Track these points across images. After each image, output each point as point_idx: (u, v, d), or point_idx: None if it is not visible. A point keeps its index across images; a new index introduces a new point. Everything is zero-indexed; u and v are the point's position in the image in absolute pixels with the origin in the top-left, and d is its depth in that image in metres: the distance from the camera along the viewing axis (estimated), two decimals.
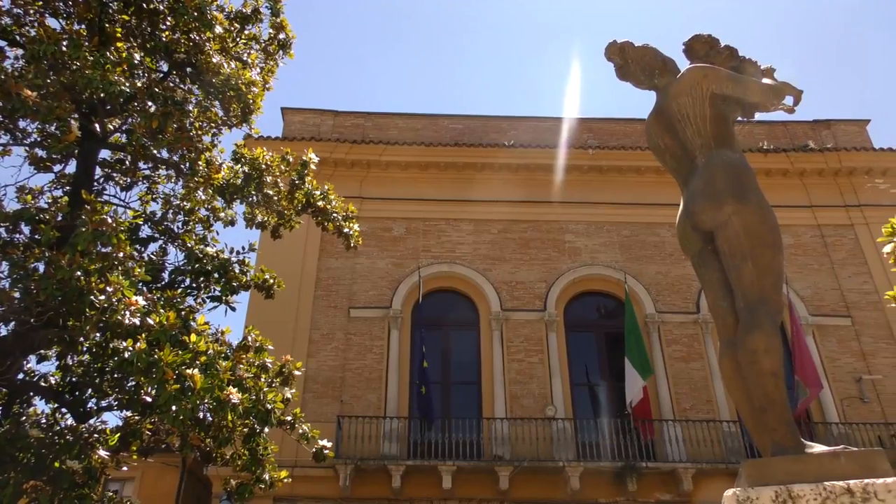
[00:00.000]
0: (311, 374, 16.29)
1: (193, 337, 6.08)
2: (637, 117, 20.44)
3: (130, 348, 5.57)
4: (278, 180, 9.19)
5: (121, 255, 6.27)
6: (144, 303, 6.05)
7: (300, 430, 7.73)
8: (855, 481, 3.28)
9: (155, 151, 8.22)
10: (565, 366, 17.17)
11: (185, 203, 9.51)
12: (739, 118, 4.83)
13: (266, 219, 9.44)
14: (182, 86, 8.70)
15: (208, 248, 8.99)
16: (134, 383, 6.61)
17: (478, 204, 19.02)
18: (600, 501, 15.13)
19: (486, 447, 15.71)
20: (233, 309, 8.78)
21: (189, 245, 9.05)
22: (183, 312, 7.15)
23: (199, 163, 8.33)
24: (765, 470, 3.55)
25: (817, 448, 3.73)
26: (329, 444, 7.96)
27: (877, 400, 16.51)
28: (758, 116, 5.02)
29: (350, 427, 15.55)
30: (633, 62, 4.92)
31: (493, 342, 17.26)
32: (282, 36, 9.40)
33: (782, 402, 3.84)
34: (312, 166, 9.41)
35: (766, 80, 4.68)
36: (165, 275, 9.02)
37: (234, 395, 5.91)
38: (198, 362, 5.86)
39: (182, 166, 8.45)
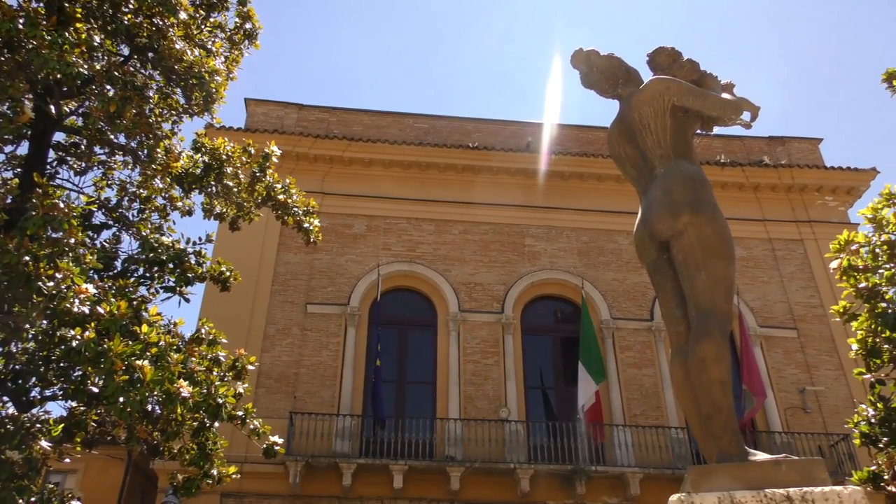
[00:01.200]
0: (264, 369, 16.10)
1: (145, 328, 5.96)
2: (600, 125, 20.72)
3: (78, 337, 5.44)
4: (239, 172, 9.06)
5: (72, 241, 6.10)
6: (95, 291, 5.91)
7: (251, 426, 7.62)
8: (794, 489, 3.38)
9: (112, 136, 8.03)
10: (520, 368, 17.30)
11: (141, 191, 9.30)
12: (698, 131, 4.94)
13: (225, 210, 9.30)
14: (143, 71, 8.51)
15: (164, 238, 8.80)
16: (80, 373, 6.45)
17: (439, 204, 19.03)
18: (549, 503, 15.29)
19: (439, 447, 15.73)
20: (187, 300, 8.61)
21: (144, 234, 8.86)
22: (135, 302, 7.01)
23: (158, 150, 8.15)
24: (709, 476, 3.64)
25: (760, 456, 3.84)
26: (280, 441, 7.86)
27: (818, 411, 17.02)
28: (716, 130, 5.14)
29: (302, 424, 15.42)
30: (598, 71, 4.98)
31: (449, 343, 17.30)
32: (248, 26, 9.27)
33: (728, 410, 3.93)
34: (274, 159, 9.30)
35: (725, 95, 4.79)
36: (118, 263, 8.81)
37: (185, 388, 5.81)
38: (148, 354, 5.74)
39: (140, 153, 8.26)
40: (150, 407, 5.78)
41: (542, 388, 17.75)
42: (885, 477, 6.29)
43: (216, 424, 7.01)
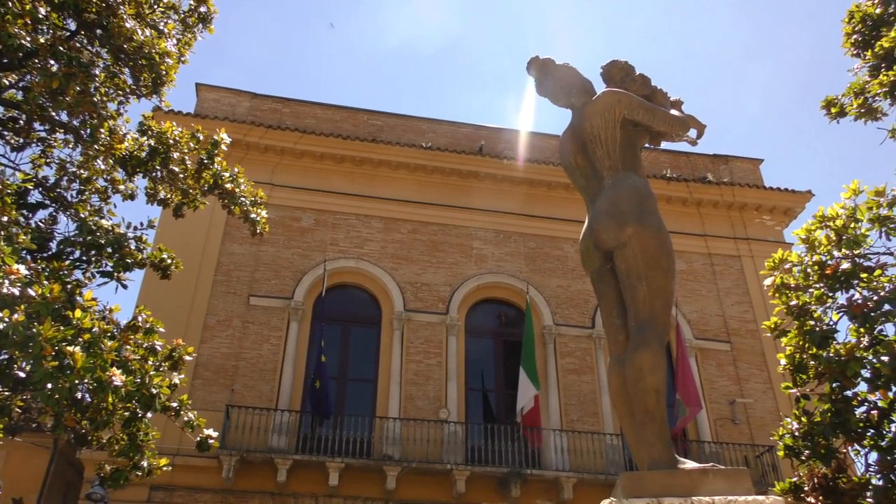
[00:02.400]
0: (202, 361, 15.77)
1: (78, 313, 5.76)
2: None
3: (6, 319, 5.22)
4: (186, 157, 8.84)
5: (5, 219, 5.87)
6: (26, 272, 5.68)
7: (185, 418, 7.46)
8: (720, 497, 3.50)
9: (53, 113, 7.74)
10: (462, 370, 17.38)
11: (81, 171, 8.99)
12: (647, 144, 5.05)
13: (169, 196, 9.06)
14: (90, 47, 8.23)
15: (103, 221, 8.52)
16: (7, 357, 6.19)
17: (390, 202, 18.98)
18: None
19: (377, 446, 15.67)
20: (124, 287, 8.36)
21: (82, 216, 8.56)
22: (69, 286, 6.77)
23: (102, 130, 7.89)
24: (640, 482, 3.73)
25: (689, 464, 3.95)
26: (215, 434, 7.72)
27: (746, 422, 17.60)
28: (663, 145, 5.26)
29: (239, 417, 15.15)
30: (552, 79, 5.05)
31: (393, 341, 17.25)
32: (203, 9, 9.05)
33: (662, 419, 4.03)
34: (224, 147, 9.10)
35: (674, 111, 4.91)
36: (53, 244, 8.50)
37: (118, 376, 5.63)
38: (80, 340, 5.55)
39: (82, 132, 7.99)
40: (79, 395, 5.58)
41: (483, 391, 17.88)
42: (806, 488, 6.53)
43: (149, 415, 6.83)
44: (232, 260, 17.44)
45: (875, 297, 6.34)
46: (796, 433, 6.67)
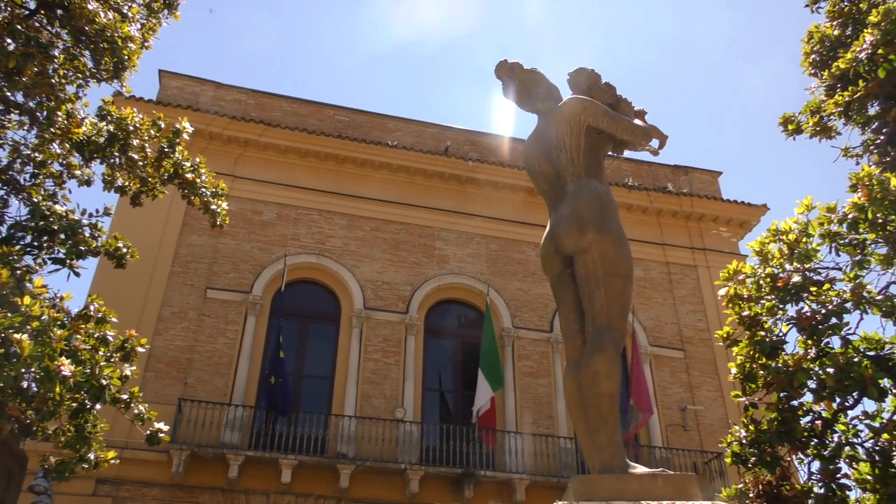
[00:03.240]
0: (156, 353, 15.46)
1: (27, 300, 5.59)
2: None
3: None
4: (146, 145, 8.66)
5: None
6: None
7: (136, 410, 7.30)
8: (668, 502, 3.56)
9: (8, 94, 7.51)
10: (420, 370, 17.37)
11: (36, 154, 8.73)
12: (610, 152, 5.12)
13: (127, 184, 8.86)
14: (49, 28, 8.01)
15: (57, 206, 8.29)
16: None
17: (353, 199, 18.88)
18: None
19: (331, 444, 15.57)
20: (77, 274, 8.14)
21: (35, 200, 8.32)
22: (18, 272, 6.58)
23: (59, 113, 7.69)
24: (591, 486, 3.77)
25: (639, 469, 4.01)
26: (166, 428, 7.58)
27: (697, 429, 17.96)
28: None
29: (191, 411, 14.90)
30: (520, 83, 5.08)
31: (351, 339, 17.16)
32: None
33: (615, 424, 4.09)
34: (185, 136, 8.93)
35: (637, 121, 4.99)
36: (3, 229, 8.24)
37: (67, 366, 5.49)
38: (28, 327, 5.39)
39: (38, 114, 7.77)
40: (25, 384, 5.43)
41: (441, 391, 17.90)
42: (751, 495, 6.69)
43: (97, 406, 6.68)
44: (190, 251, 17.15)
45: (823, 311, 6.51)
46: (744, 441, 6.82)
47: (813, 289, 6.63)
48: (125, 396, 7.19)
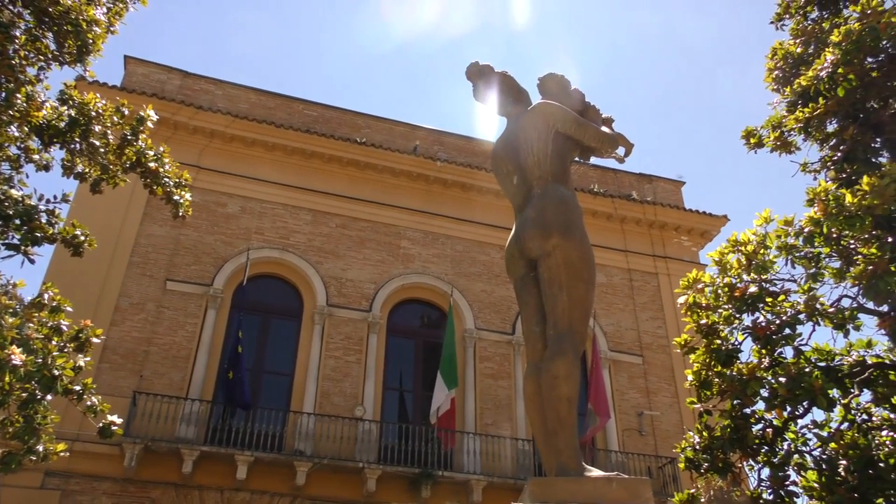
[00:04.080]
0: (111, 344, 15.15)
1: None
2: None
3: None
4: (108, 132, 8.47)
5: None
6: None
7: (88, 402, 7.14)
8: None
9: None
10: (381, 369, 17.33)
11: None
12: (577, 158, 5.17)
13: (87, 170, 8.66)
14: (11, 7, 7.79)
15: (13, 191, 8.06)
16: None
17: (319, 195, 18.75)
18: None
19: (289, 441, 15.43)
20: (31, 261, 7.93)
21: None
22: None
23: (18, 95, 7.49)
24: (547, 488, 3.81)
25: (595, 472, 4.06)
26: (119, 421, 7.43)
27: (652, 434, 18.24)
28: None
29: (146, 405, 14.63)
30: (490, 86, 5.10)
31: (312, 336, 17.04)
32: None
33: (572, 427, 4.13)
34: (150, 124, 8.77)
35: (605, 129, 5.05)
36: None
37: (18, 355, 5.37)
38: None
39: None
40: None
41: (401, 391, 17.87)
42: (702, 500, 6.83)
43: (48, 397, 6.52)
44: (150, 242, 16.84)
45: (777, 321, 6.67)
46: (697, 446, 6.95)
47: (768, 299, 6.79)
48: (78, 388, 7.03)
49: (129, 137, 8.56)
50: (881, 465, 6.00)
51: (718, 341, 7.07)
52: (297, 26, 56.74)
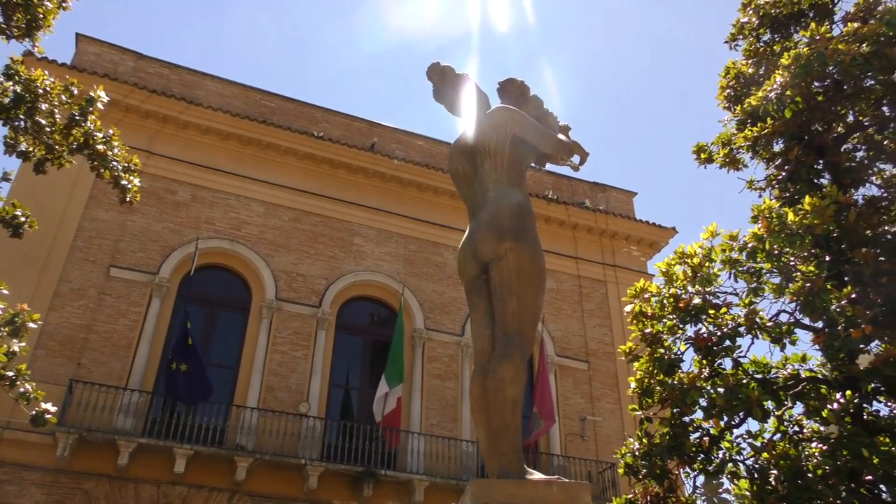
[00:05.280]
0: (49, 329, 14.67)
1: None
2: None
3: None
4: (56, 110, 8.21)
5: None
6: None
7: (21, 389, 6.90)
8: None
9: None
10: (328, 365, 17.18)
11: None
12: (532, 164, 5.21)
13: (31, 149, 8.36)
14: None
15: None
16: None
17: (273, 187, 18.50)
18: (334, 503, 15.26)
19: (231, 435, 15.18)
20: None
21: None
22: None
23: None
24: (488, 490, 3.83)
25: (536, 476, 4.10)
26: (54, 409, 7.19)
27: (594, 439, 18.53)
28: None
29: (83, 393, 14.20)
30: (450, 87, 5.11)
31: (260, 330, 16.79)
32: None
33: (516, 430, 4.17)
34: (100, 105, 8.51)
35: (561, 136, 5.11)
36: None
37: None
38: None
39: None
40: None
41: (347, 388, 17.75)
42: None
43: None
44: (95, 226, 16.36)
45: (718, 333, 6.86)
46: (636, 453, 7.10)
47: (711, 311, 6.98)
48: (11, 373, 6.79)
49: (77, 118, 8.30)
50: (809, 475, 6.21)
51: (662, 350, 7.24)
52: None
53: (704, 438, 6.87)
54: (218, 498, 14.58)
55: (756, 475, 6.53)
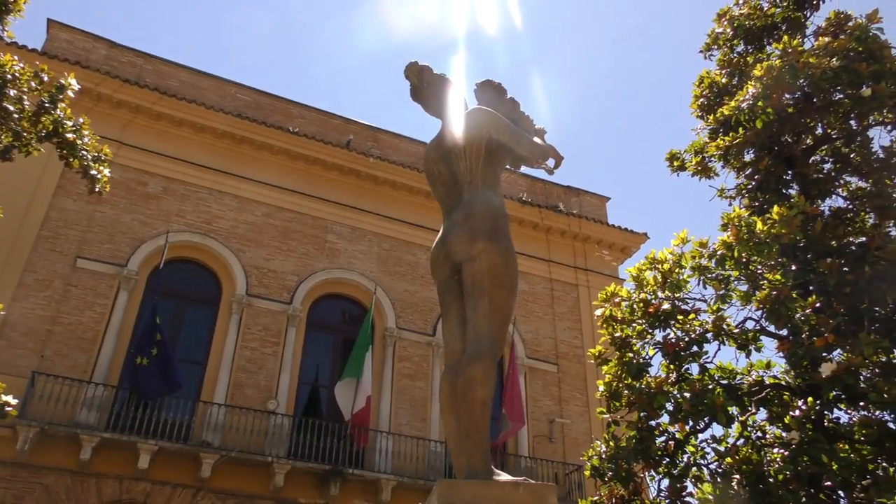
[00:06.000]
0: (12, 320, 14.36)
1: None
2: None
3: None
4: (24, 97, 8.05)
5: None
6: None
7: None
8: None
9: None
10: (298, 362, 17.07)
11: None
12: (507, 166, 5.23)
13: None
14: None
15: None
16: None
17: (247, 182, 18.32)
18: (300, 501, 15.16)
19: (197, 431, 15.00)
20: None
21: None
22: None
23: None
24: (455, 490, 3.83)
25: (503, 477, 4.11)
26: (14, 401, 7.07)
27: (562, 441, 18.66)
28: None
29: (45, 386, 13.92)
30: (428, 87, 5.10)
31: (229, 325, 16.62)
32: None
33: (484, 431, 4.17)
34: (70, 93, 8.38)
35: (537, 139, 5.13)
36: None
37: None
38: None
39: None
40: None
41: (316, 386, 17.63)
42: None
43: None
44: (62, 216, 16.05)
45: (686, 339, 6.95)
46: (603, 455, 7.16)
47: (680, 317, 7.07)
48: None
49: (46, 105, 8.16)
50: (771, 480, 6.33)
51: (630, 354, 7.31)
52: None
53: (670, 442, 6.96)
54: (182, 495, 14.39)
55: (719, 479, 6.63)
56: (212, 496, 14.55)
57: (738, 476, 6.53)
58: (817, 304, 6.59)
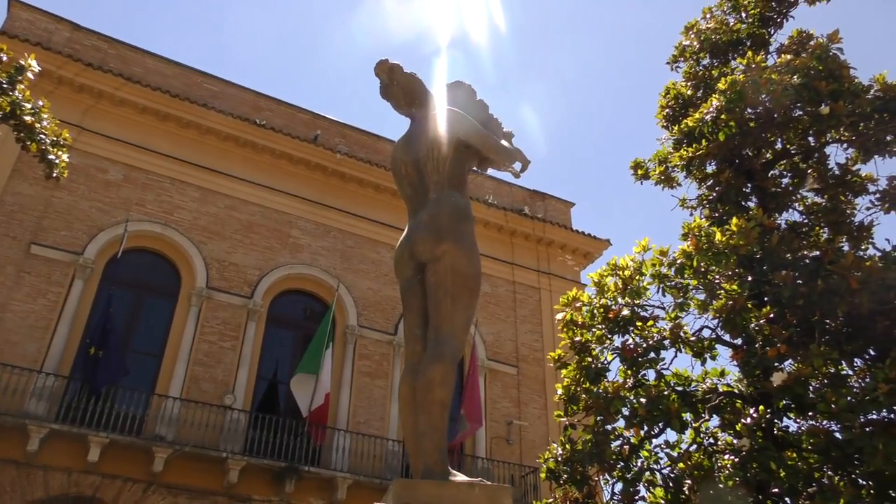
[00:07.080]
0: None
1: None
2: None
3: None
4: None
5: None
6: None
7: None
8: None
9: None
10: (256, 358, 16.87)
11: None
12: (474, 168, 5.25)
13: None
14: None
15: None
16: None
17: (210, 173, 18.05)
18: (254, 498, 14.99)
19: (150, 425, 14.72)
20: None
21: None
22: None
23: None
24: (411, 490, 3.83)
25: (460, 477, 4.13)
26: None
27: (519, 443, 18.77)
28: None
29: None
30: (398, 85, 5.09)
31: (187, 318, 16.35)
32: None
33: (442, 431, 4.18)
34: (30, 74, 8.15)
35: (504, 142, 5.16)
36: None
37: None
38: None
39: None
40: None
41: (275, 382, 17.43)
42: None
43: None
44: (17, 200, 15.61)
45: (644, 345, 7.06)
46: (559, 458, 7.23)
47: (638, 323, 7.17)
48: None
49: (4, 85, 7.92)
50: (721, 486, 6.45)
51: (589, 359, 7.40)
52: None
53: (625, 447, 7.05)
54: (133, 489, 14.11)
55: (671, 484, 6.74)
56: (163, 491, 14.31)
57: (689, 481, 6.65)
58: (771, 315, 6.74)
